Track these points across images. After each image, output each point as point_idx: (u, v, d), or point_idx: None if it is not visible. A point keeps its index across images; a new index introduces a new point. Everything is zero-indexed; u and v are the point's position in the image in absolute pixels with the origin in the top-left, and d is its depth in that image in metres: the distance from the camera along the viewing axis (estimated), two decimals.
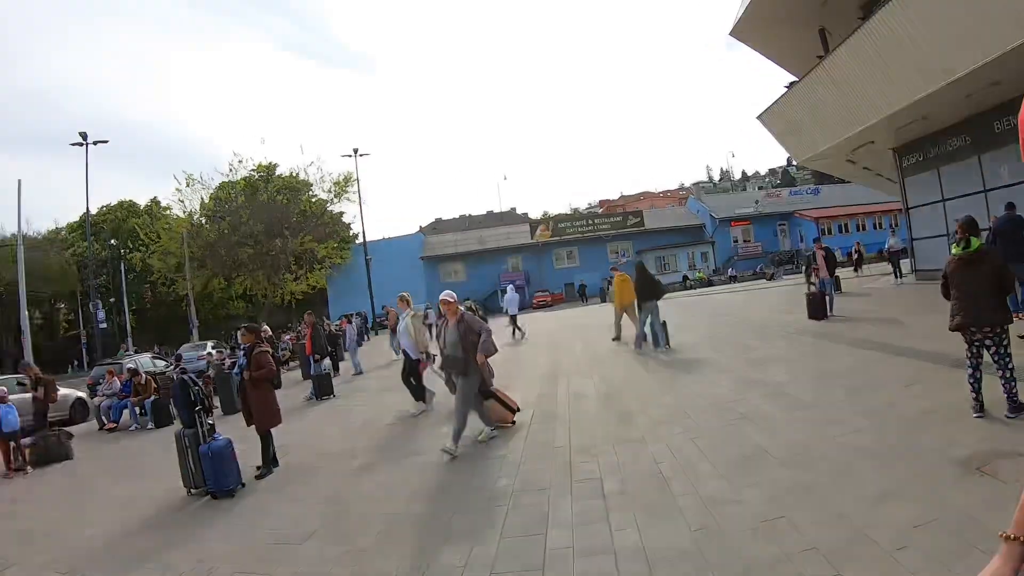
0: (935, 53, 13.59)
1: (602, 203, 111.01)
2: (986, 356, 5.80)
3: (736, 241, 58.59)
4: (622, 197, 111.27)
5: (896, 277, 22.26)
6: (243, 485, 7.22)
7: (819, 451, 5.49)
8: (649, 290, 13.63)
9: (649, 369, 11.37)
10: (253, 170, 52.46)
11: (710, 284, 48.30)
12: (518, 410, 8.34)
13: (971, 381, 5.84)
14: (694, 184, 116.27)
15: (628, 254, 56.94)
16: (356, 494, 6.33)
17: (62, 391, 17.42)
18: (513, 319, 21.80)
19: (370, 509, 5.77)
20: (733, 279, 48.39)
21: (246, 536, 5.63)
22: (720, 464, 5.53)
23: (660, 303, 13.72)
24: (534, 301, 51.04)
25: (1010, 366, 5.64)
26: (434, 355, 9.80)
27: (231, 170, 51.32)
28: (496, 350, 7.69)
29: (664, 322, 13.62)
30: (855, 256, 30.09)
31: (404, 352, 10.66)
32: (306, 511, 5.96)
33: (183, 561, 5.16)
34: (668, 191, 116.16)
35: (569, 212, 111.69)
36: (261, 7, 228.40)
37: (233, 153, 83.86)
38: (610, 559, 3.99)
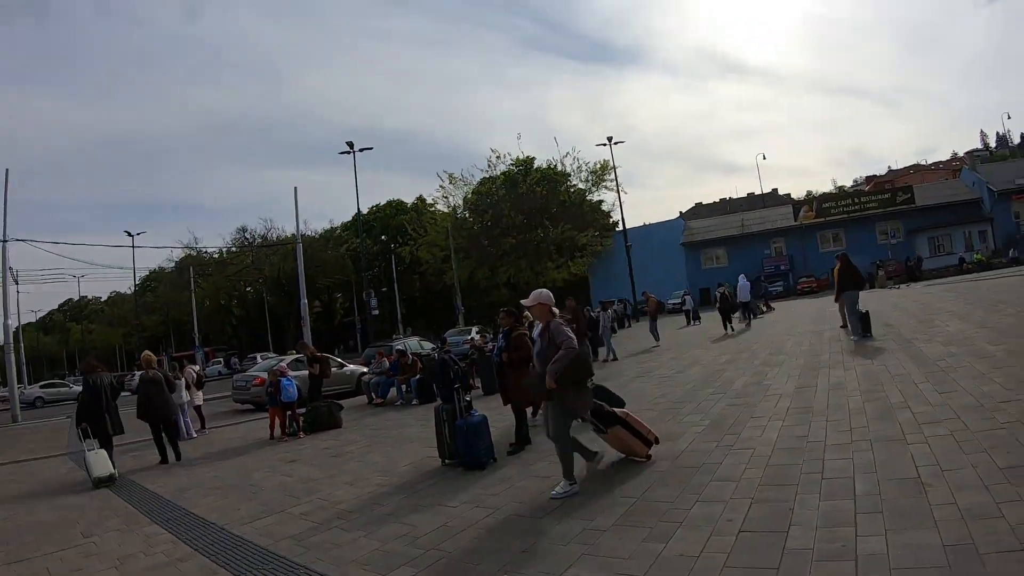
0: None
1: (868, 179, 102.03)
2: None
3: (1018, 217, 49.81)
4: (890, 172, 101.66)
5: None
6: (495, 460, 7.63)
7: None
8: (850, 281, 14.36)
9: (895, 365, 10.20)
10: (512, 164, 54.98)
11: (989, 267, 42.05)
12: (656, 442, 6.83)
13: None
14: (967, 153, 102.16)
15: (898, 235, 52.02)
16: (598, 478, 6.35)
17: (350, 367, 19.81)
18: (745, 305, 23.93)
19: (610, 491, 5.81)
20: (1015, 261, 42.04)
21: (490, 505, 5.96)
22: (988, 471, 4.76)
23: (862, 293, 14.34)
24: (798, 287, 48.29)
25: None
26: None
27: (490, 166, 54.66)
28: (563, 371, 5.84)
29: (866, 312, 14.00)
30: None
31: None
32: (550, 488, 6.08)
33: (428, 523, 5.61)
34: (940, 162, 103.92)
35: (834, 191, 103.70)
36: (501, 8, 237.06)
37: (491, 150, 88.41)
38: (850, 566, 3.63)
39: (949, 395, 7.43)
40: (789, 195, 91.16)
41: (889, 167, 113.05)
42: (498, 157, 54.50)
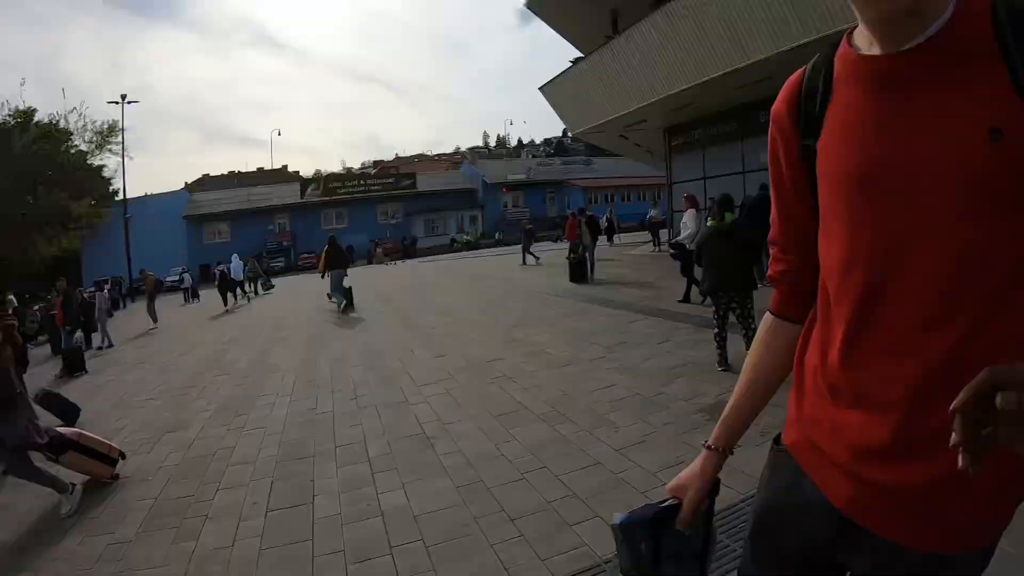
0: (714, 48, 14.82)
1: (377, 164, 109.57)
2: (731, 317, 6.53)
3: (506, 206, 59.66)
4: (398, 159, 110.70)
5: (655, 246, 24.03)
6: None
7: (577, 405, 5.78)
8: (337, 261, 16.27)
9: (393, 335, 11.27)
10: (8, 115, 43.42)
11: (477, 247, 48.96)
12: (121, 457, 5.67)
13: (717, 339, 6.58)
14: (470, 149, 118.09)
15: (398, 216, 56.61)
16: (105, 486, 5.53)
17: None
18: (240, 284, 24.45)
19: (125, 495, 5.19)
20: (500, 242, 49.34)
21: None
22: (483, 421, 5.64)
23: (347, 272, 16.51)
24: (299, 263, 48.98)
25: (753, 326, 6.38)
26: None
27: None
28: None
29: (349, 288, 16.06)
30: (605, 225, 30.03)
31: None
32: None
33: None
34: (444, 155, 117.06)
35: (342, 172, 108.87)
36: None
37: None
38: (378, 522, 3.91)
39: (443, 359, 8.43)
40: (298, 172, 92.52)
41: (397, 154, 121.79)
42: None
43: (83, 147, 46.67)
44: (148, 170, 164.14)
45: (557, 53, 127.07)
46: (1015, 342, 0.89)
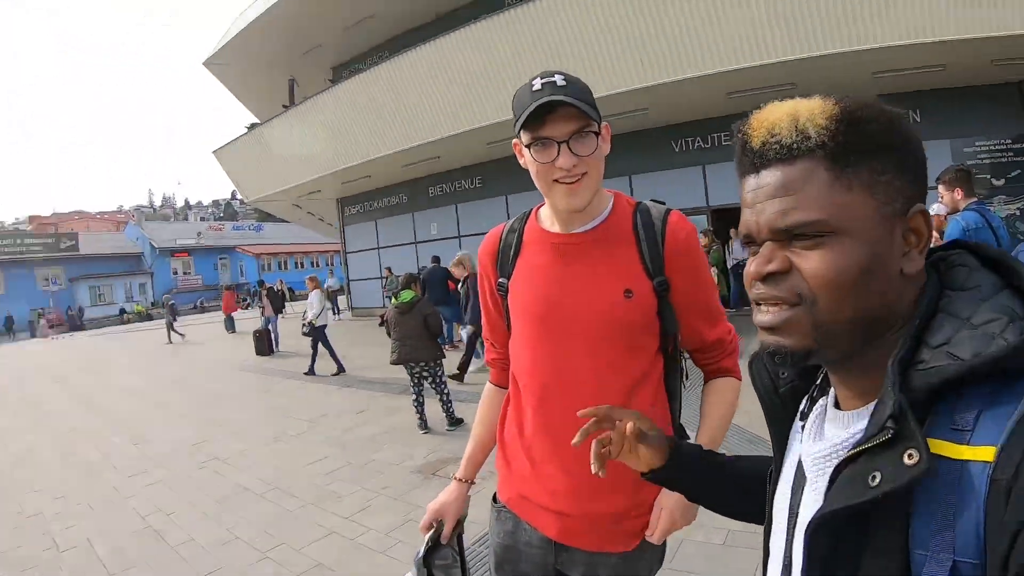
0: (389, 126, 15.79)
1: (32, 219, 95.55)
2: (426, 385, 7.30)
3: (176, 273, 55.27)
4: (55, 215, 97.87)
5: (334, 313, 24.19)
6: None
7: (295, 480, 5.98)
8: None
9: (82, 420, 10.46)
10: None
11: (150, 318, 44.60)
12: None
13: (415, 404, 7.28)
14: (134, 208, 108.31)
15: (60, 282, 49.40)
16: None
17: None
18: None
19: None
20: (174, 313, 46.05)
21: None
22: (206, 506, 5.57)
23: None
24: None
25: (446, 391, 7.29)
26: None
27: None
28: None
29: None
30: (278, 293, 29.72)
31: None
32: None
33: None
34: (105, 212, 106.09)
35: None
36: None
37: None
38: None
39: (143, 445, 7.99)
40: None
41: (54, 209, 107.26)
42: None
43: None
44: None
45: (233, 111, 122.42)
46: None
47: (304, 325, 11.97)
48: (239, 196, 30.31)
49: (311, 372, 11.59)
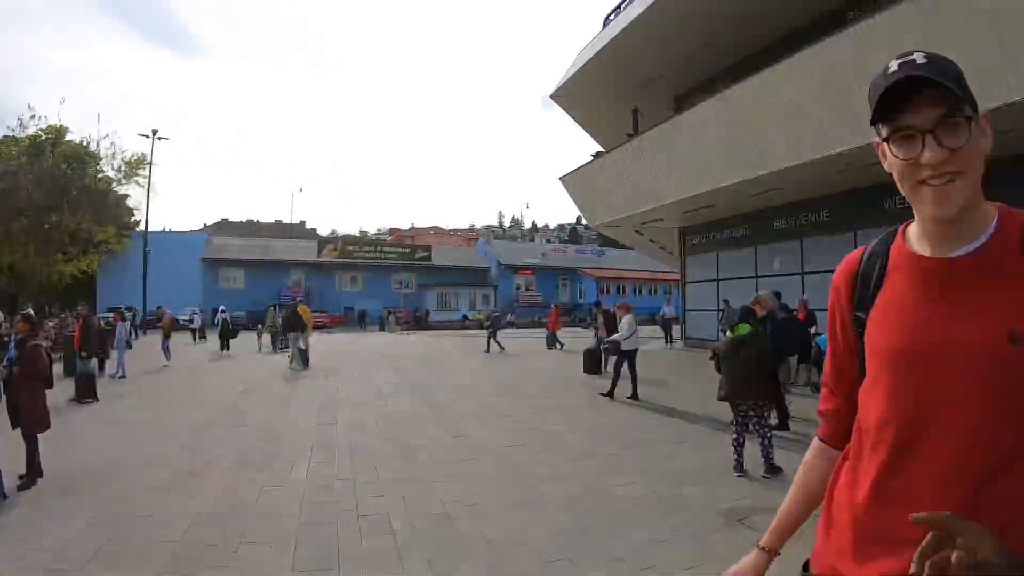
0: (732, 156, 15.46)
1: (392, 231, 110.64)
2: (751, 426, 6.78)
3: (519, 288, 60.37)
4: (412, 229, 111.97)
5: (667, 342, 24.17)
6: (5, 497, 6.10)
7: (596, 499, 5.88)
8: (295, 323, 18.39)
9: (408, 407, 11.29)
10: (42, 129, 43.14)
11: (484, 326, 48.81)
12: None
13: (735, 444, 6.77)
14: (485, 227, 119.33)
15: (411, 285, 57.09)
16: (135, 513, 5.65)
17: None
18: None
19: (149, 534, 5.15)
20: (511, 325, 49.28)
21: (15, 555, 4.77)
22: (505, 507, 5.70)
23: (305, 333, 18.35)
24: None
25: (768, 434, 6.68)
26: None
27: (20, 124, 42.47)
28: None
29: (304, 348, 18.05)
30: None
31: None
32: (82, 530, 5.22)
33: None
34: (458, 230, 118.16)
35: (358, 235, 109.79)
36: None
37: (28, 106, 73.17)
38: None
39: (461, 438, 8.52)
40: (315, 230, 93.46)
41: (412, 224, 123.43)
42: (32, 116, 42.74)
43: (111, 174, 46.94)
44: (168, 205, 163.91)
45: (577, 139, 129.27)
46: (1016, 498, 1.11)
47: (605, 342, 11.94)
48: (584, 221, 31.63)
49: (610, 395, 11.70)
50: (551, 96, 24.07)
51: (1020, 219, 1.27)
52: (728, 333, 7.29)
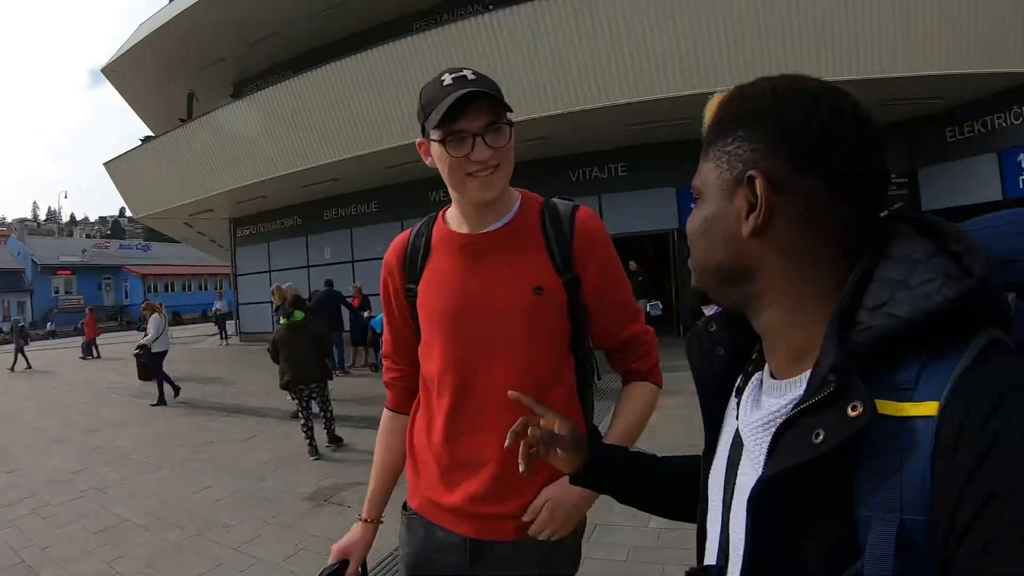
0: (284, 146, 15.64)
1: None
2: (314, 407, 7.25)
3: (58, 292, 51.26)
4: None
5: (222, 338, 23.48)
6: None
7: (179, 510, 5.66)
8: None
9: None
10: None
11: (27, 338, 41.15)
12: None
13: (304, 429, 7.10)
14: (17, 220, 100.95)
15: None
16: None
17: None
18: None
19: None
20: (53, 334, 42.31)
21: None
22: (85, 540, 5.14)
23: None
24: None
25: (330, 409, 7.40)
26: None
27: None
28: None
29: None
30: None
31: None
32: None
33: None
34: None
35: None
36: None
37: None
38: None
39: (18, 473, 7.34)
40: None
41: None
42: None
43: None
44: None
45: (125, 124, 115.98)
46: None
47: (138, 348, 11.69)
48: (128, 213, 28.87)
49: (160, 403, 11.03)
50: (102, 70, 21.56)
51: (538, 200, 1.69)
52: (283, 320, 7.55)
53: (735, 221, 0.78)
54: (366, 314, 13.19)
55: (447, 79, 1.47)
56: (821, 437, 0.65)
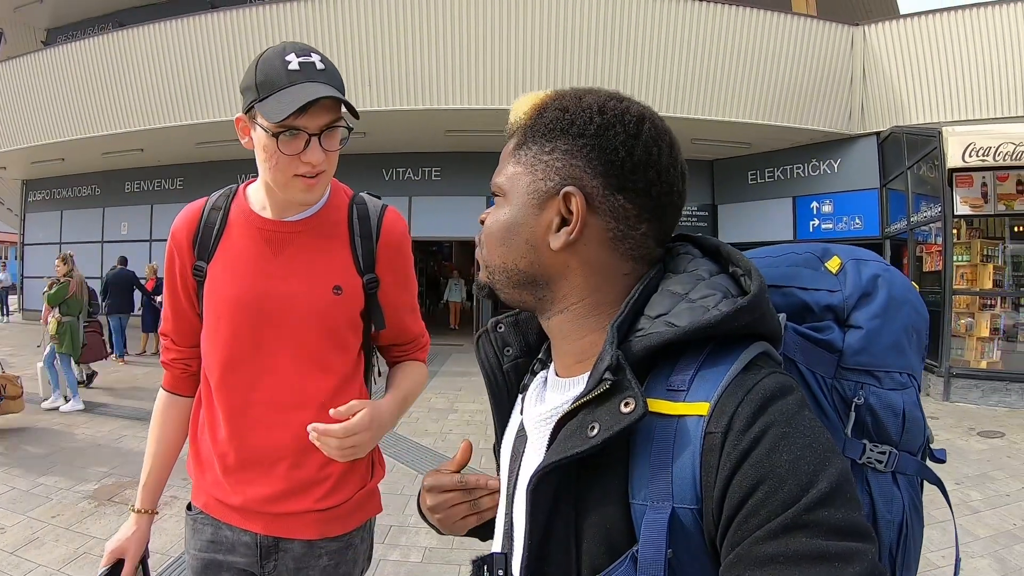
0: (93, 108, 14.37)
1: None
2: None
3: None
4: None
5: (2, 314, 21.42)
6: None
7: None
8: None
9: None
10: None
11: None
12: None
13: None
14: None
15: None
16: None
17: None
18: None
19: None
20: None
21: None
22: None
23: None
24: None
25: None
26: None
27: None
28: None
29: None
30: None
31: None
32: None
33: None
34: None
35: None
36: None
37: None
38: None
39: None
40: None
41: None
42: None
43: None
44: None
45: None
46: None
47: None
48: None
49: None
50: None
51: (348, 193, 1.65)
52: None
53: (543, 232, 0.82)
54: (159, 298, 12.30)
55: (293, 62, 1.36)
56: (596, 430, 0.70)
